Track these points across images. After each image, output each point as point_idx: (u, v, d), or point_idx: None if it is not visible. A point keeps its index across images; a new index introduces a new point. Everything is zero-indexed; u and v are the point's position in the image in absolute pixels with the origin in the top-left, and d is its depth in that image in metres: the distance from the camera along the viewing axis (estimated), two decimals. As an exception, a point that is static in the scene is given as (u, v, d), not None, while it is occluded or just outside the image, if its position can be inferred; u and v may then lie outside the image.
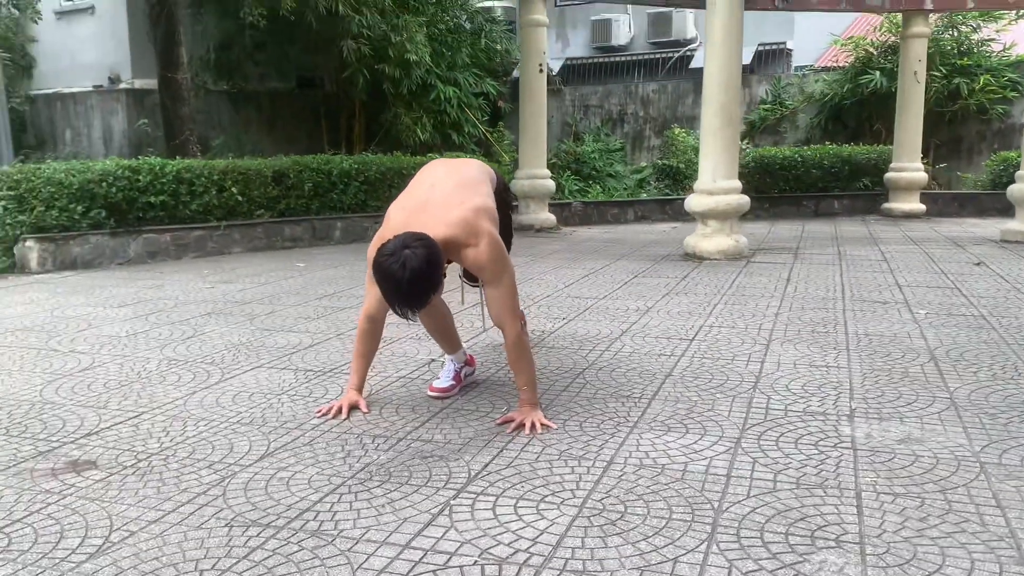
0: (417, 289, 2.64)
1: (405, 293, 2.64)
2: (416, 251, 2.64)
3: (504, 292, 2.94)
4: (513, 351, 2.98)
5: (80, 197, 7.05)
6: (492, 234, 2.91)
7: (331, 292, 5.82)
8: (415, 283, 2.62)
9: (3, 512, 2.33)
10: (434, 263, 2.67)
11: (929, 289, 5.60)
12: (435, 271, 2.68)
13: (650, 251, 8.02)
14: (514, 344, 2.97)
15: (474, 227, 2.87)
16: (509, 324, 2.95)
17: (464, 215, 2.91)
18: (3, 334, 4.57)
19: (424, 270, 2.62)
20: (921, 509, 2.27)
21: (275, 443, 2.84)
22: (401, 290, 2.64)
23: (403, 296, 2.66)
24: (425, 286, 2.65)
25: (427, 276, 2.64)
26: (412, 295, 2.65)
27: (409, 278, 2.60)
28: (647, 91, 15.41)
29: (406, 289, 2.63)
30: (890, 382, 3.45)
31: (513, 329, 2.96)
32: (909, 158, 11.13)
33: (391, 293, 2.68)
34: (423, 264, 2.62)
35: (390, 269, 2.63)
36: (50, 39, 14.15)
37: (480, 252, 2.87)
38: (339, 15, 10.62)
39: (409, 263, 2.61)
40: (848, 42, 13.92)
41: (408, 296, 2.66)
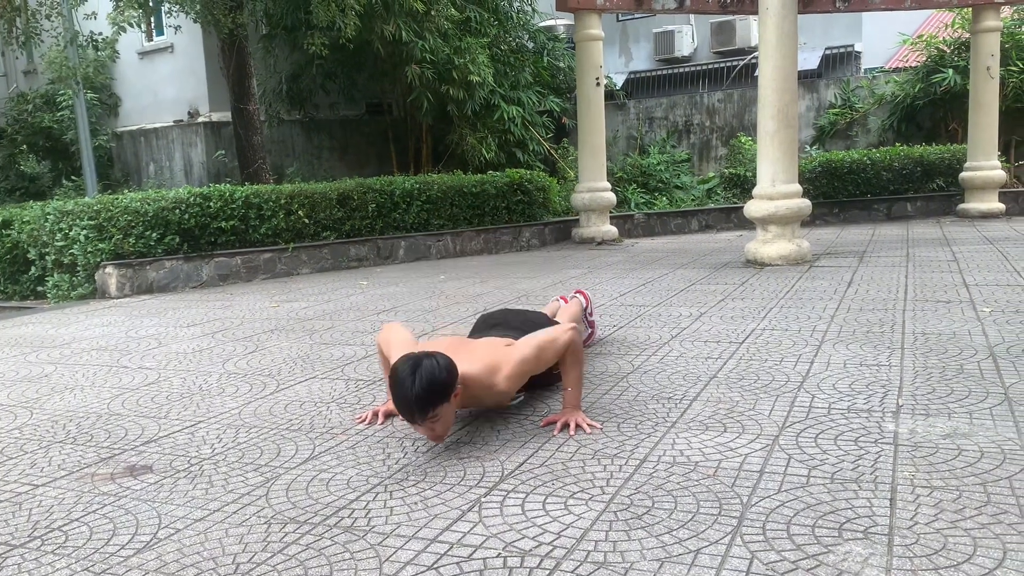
0: (429, 392, 2.64)
1: (416, 394, 2.63)
2: (436, 360, 2.71)
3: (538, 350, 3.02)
4: (568, 352, 3.04)
5: (155, 224, 7.40)
6: (510, 374, 2.98)
7: (389, 308, 5.96)
8: (427, 385, 2.64)
9: (63, 512, 2.48)
10: (450, 372, 2.72)
11: (998, 288, 5.41)
12: (449, 379, 2.71)
13: (711, 259, 7.95)
14: (569, 347, 3.03)
15: (495, 366, 2.97)
16: (564, 335, 3.03)
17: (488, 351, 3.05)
18: (80, 353, 4.83)
19: (438, 376, 2.67)
20: (957, 502, 2.22)
21: (320, 447, 2.94)
22: (410, 391, 2.63)
23: (411, 397, 2.64)
24: (436, 391, 2.66)
25: (440, 382, 2.67)
26: (421, 397, 2.64)
27: (423, 377, 2.64)
28: (712, 101, 15.28)
29: (417, 391, 2.63)
30: (943, 379, 3.36)
31: (567, 337, 3.02)
32: (985, 156, 10.75)
33: (399, 392, 2.67)
34: (438, 370, 2.68)
35: (403, 367, 2.68)
36: (133, 78, 14.89)
37: (499, 390, 2.98)
38: (403, 41, 10.91)
39: (425, 364, 2.67)
40: (918, 41, 13.55)
41: (419, 398, 2.63)
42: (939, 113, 13.12)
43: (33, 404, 3.74)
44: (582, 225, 10.45)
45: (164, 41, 13.91)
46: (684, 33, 16.14)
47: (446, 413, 2.74)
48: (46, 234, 7.59)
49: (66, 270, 7.53)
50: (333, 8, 8.98)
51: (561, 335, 3.05)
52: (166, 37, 13.62)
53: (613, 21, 16.76)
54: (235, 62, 10.71)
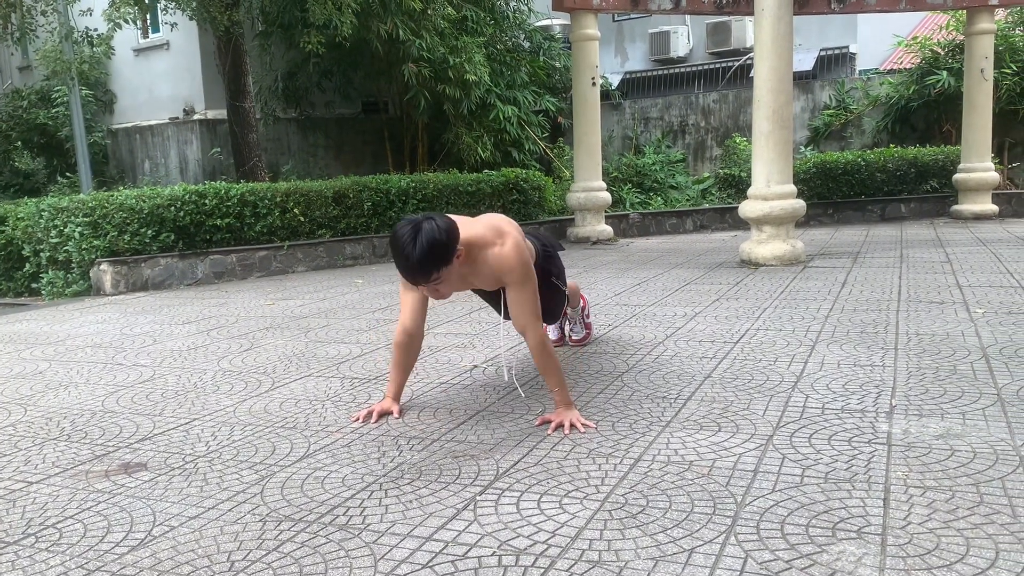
0: (429, 254, 2.66)
1: (417, 258, 2.66)
2: (435, 221, 2.72)
3: (527, 297, 2.99)
4: (538, 355, 3.03)
5: (150, 222, 7.39)
6: (517, 239, 2.98)
7: (385, 306, 5.96)
8: (428, 248, 2.65)
9: (57, 509, 2.48)
10: (451, 234, 2.73)
11: (991, 289, 5.43)
12: (450, 241, 2.73)
13: (705, 259, 7.96)
14: (538, 348, 3.02)
15: (500, 229, 2.98)
16: (531, 328, 3.01)
17: (492, 222, 3.02)
18: (74, 350, 4.83)
19: (438, 238, 2.68)
20: (950, 502, 2.23)
21: (315, 445, 2.94)
22: (411, 255, 2.66)
23: (414, 261, 2.67)
24: (437, 253, 2.68)
25: (441, 244, 2.69)
26: (423, 260, 2.67)
27: (424, 241, 2.65)
28: (707, 101, 15.30)
29: (418, 254, 2.65)
30: (936, 379, 3.38)
31: (535, 333, 3.01)
32: (978, 158, 10.78)
33: (401, 257, 2.70)
34: (438, 232, 2.69)
35: (404, 231, 2.69)
36: (129, 75, 14.85)
37: (505, 251, 2.94)
38: (399, 40, 10.90)
39: (425, 227, 2.68)
40: (913, 42, 13.59)
41: (420, 261, 2.67)
42: (933, 115, 13.16)
43: (27, 401, 3.73)
44: (577, 224, 10.46)
45: (160, 38, 13.88)
46: (680, 34, 16.16)
47: (449, 274, 2.77)
48: (41, 231, 7.57)
49: (61, 267, 7.52)
50: (330, 6, 8.97)
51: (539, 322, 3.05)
52: (162, 34, 13.60)
53: (609, 21, 16.77)
54: (231, 60, 10.69)
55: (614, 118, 15.96)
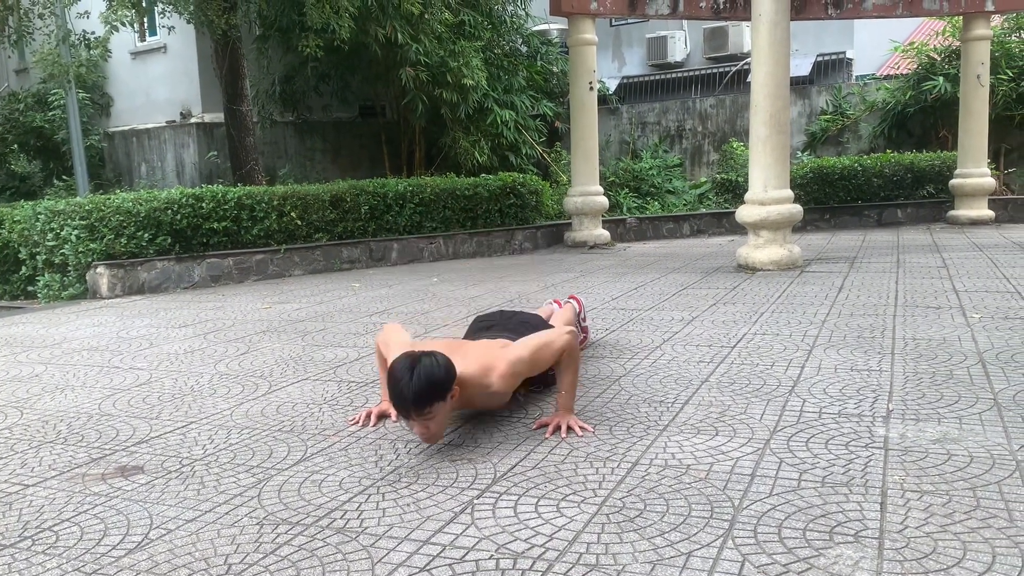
0: (426, 390, 2.65)
1: (413, 391, 2.64)
2: (435, 357, 2.73)
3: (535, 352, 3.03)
4: (564, 358, 3.04)
5: (147, 225, 7.39)
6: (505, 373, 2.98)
7: (382, 310, 5.95)
8: (425, 382, 2.65)
9: (54, 512, 2.47)
10: (448, 371, 2.74)
11: (988, 294, 5.45)
12: (447, 378, 2.73)
13: (702, 264, 7.98)
14: (566, 349, 3.03)
15: (489, 365, 2.98)
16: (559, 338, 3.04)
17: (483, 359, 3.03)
18: (70, 354, 4.82)
19: (436, 373, 2.69)
20: (947, 506, 2.24)
21: (312, 448, 2.94)
22: (408, 388, 2.65)
23: (409, 393, 2.65)
24: (434, 389, 2.67)
25: (438, 380, 2.69)
26: (418, 394, 2.65)
27: (421, 375, 2.65)
28: (704, 106, 15.33)
29: (415, 388, 2.64)
30: (932, 384, 3.38)
31: (563, 341, 3.03)
32: (974, 163, 10.82)
33: (396, 388, 2.68)
34: (437, 368, 2.70)
35: (402, 364, 2.70)
36: (126, 78, 14.85)
37: (495, 390, 2.99)
38: (398, 44, 10.91)
39: (424, 362, 2.69)
40: (909, 48, 13.63)
41: (416, 395, 2.65)
42: (930, 120, 13.21)
43: (23, 404, 3.72)
44: (574, 229, 10.47)
45: (157, 41, 13.89)
46: (677, 39, 16.20)
47: (441, 413, 2.75)
48: (37, 234, 7.56)
49: (57, 270, 7.50)
50: (327, 10, 8.98)
51: (558, 338, 3.06)
52: (159, 37, 13.60)
53: (606, 26, 16.81)
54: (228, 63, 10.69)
55: (611, 123, 15.99)
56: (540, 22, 14.74)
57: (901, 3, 10.28)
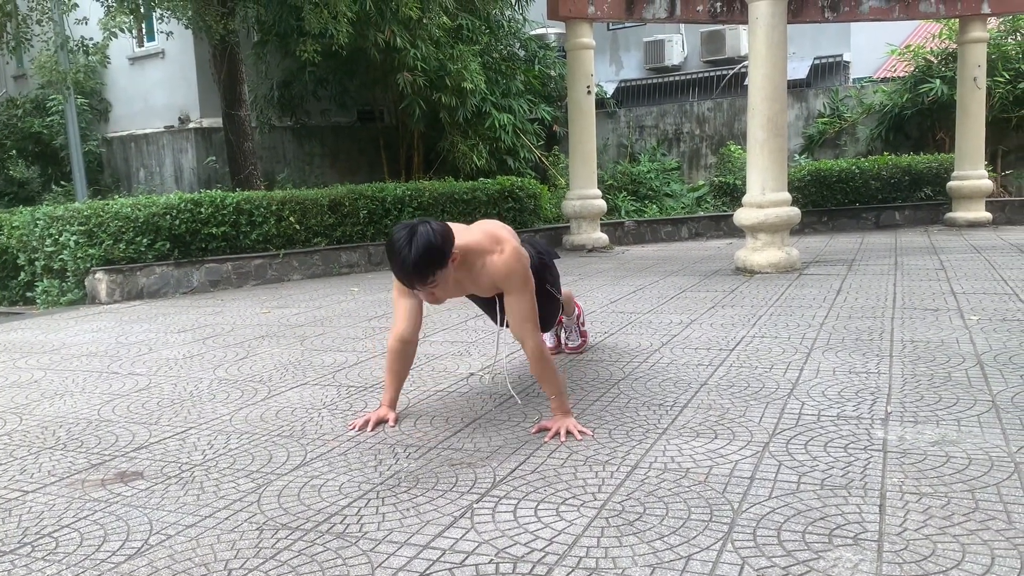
0: (424, 257, 2.68)
1: (412, 261, 2.67)
2: (430, 225, 2.74)
3: (526, 304, 3.00)
4: (536, 363, 3.03)
5: (146, 230, 7.39)
6: (515, 246, 3.00)
7: (380, 314, 5.96)
8: (423, 250, 2.67)
9: (54, 518, 2.47)
10: (446, 238, 2.75)
11: (985, 296, 5.46)
12: (445, 244, 2.74)
13: (701, 267, 7.98)
14: (536, 356, 3.02)
15: (497, 236, 3.01)
16: (530, 336, 3.01)
17: (489, 229, 3.04)
18: (69, 359, 4.82)
19: (433, 240, 2.70)
20: (946, 508, 2.24)
21: (311, 453, 2.94)
22: (407, 257, 2.67)
23: (409, 263, 2.68)
24: (433, 256, 2.70)
25: (436, 247, 2.70)
26: (418, 263, 2.68)
27: (419, 243, 2.66)
28: (702, 109, 15.35)
29: (413, 257, 2.66)
30: (931, 386, 3.39)
31: (533, 341, 3.01)
32: (972, 165, 10.84)
33: (396, 259, 2.71)
34: (433, 235, 2.70)
35: (399, 234, 2.71)
36: (124, 83, 14.85)
37: (504, 258, 2.96)
38: (396, 49, 10.93)
39: (420, 230, 2.70)
40: (906, 51, 13.65)
41: (415, 264, 2.68)
42: (927, 123, 13.22)
43: (23, 410, 3.72)
44: (573, 232, 10.48)
45: (155, 47, 13.88)
46: (674, 42, 16.21)
47: (444, 278, 2.79)
48: (35, 239, 7.55)
49: (56, 276, 7.50)
50: (325, 15, 8.99)
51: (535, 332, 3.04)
52: (157, 43, 13.59)
53: (603, 30, 16.82)
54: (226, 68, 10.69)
55: (609, 126, 16.00)
56: (538, 26, 14.75)
57: (897, 6, 10.30)
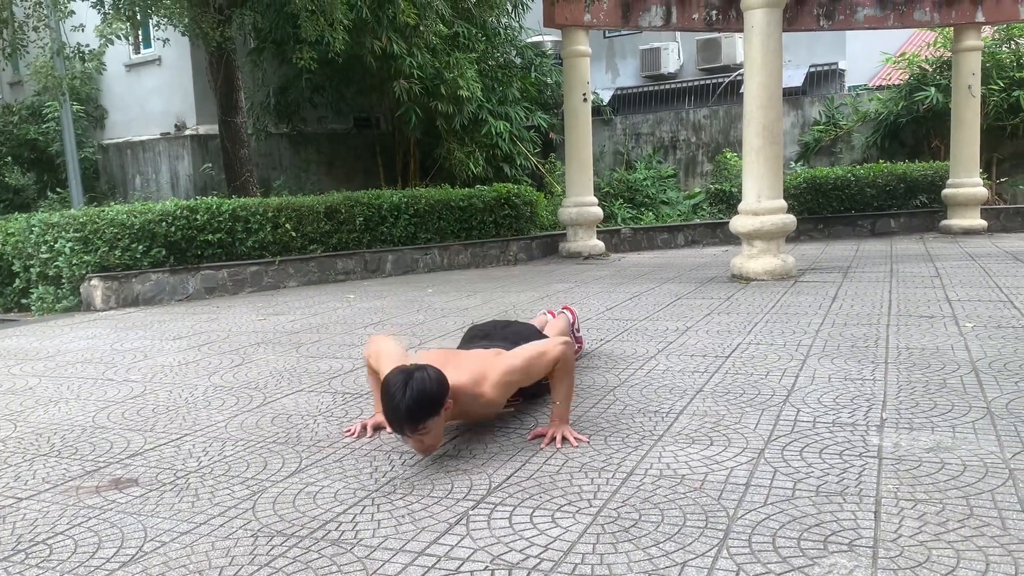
0: (419, 404, 2.65)
1: (407, 406, 2.65)
2: (427, 371, 2.73)
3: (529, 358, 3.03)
4: (559, 369, 3.03)
5: (141, 237, 7.38)
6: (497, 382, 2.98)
7: (377, 321, 5.96)
8: (418, 397, 2.65)
9: (47, 525, 2.46)
10: (441, 385, 2.74)
11: (980, 303, 5.47)
12: (440, 392, 2.73)
13: (697, 274, 7.99)
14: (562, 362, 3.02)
15: (482, 375, 2.99)
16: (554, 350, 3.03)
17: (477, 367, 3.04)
18: (64, 366, 4.81)
19: (429, 388, 2.68)
20: (941, 514, 2.24)
21: (307, 460, 2.93)
22: (401, 403, 2.65)
23: (403, 409, 2.65)
24: (426, 404, 2.67)
25: (431, 394, 2.69)
26: (412, 409, 2.65)
27: (414, 389, 2.65)
28: (698, 117, 15.39)
29: (407, 403, 2.64)
30: (926, 393, 3.40)
31: (557, 352, 3.02)
32: (966, 173, 10.88)
33: (390, 404, 2.68)
34: (429, 382, 2.70)
35: (395, 379, 2.70)
36: (120, 90, 14.86)
37: (488, 400, 2.99)
38: (392, 56, 10.95)
39: (416, 377, 2.69)
40: (901, 59, 13.72)
41: (409, 410, 2.65)
42: (922, 130, 13.28)
43: (17, 417, 3.71)
44: (569, 239, 10.49)
45: (152, 54, 13.90)
46: (670, 50, 16.27)
47: (436, 426, 2.75)
48: (31, 246, 7.55)
49: (51, 282, 7.49)
50: (322, 22, 9.00)
51: (552, 348, 3.06)
52: (154, 50, 13.61)
53: (600, 38, 16.88)
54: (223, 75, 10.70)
55: (605, 134, 16.04)
56: (534, 34, 14.80)
57: (892, 14, 10.35)
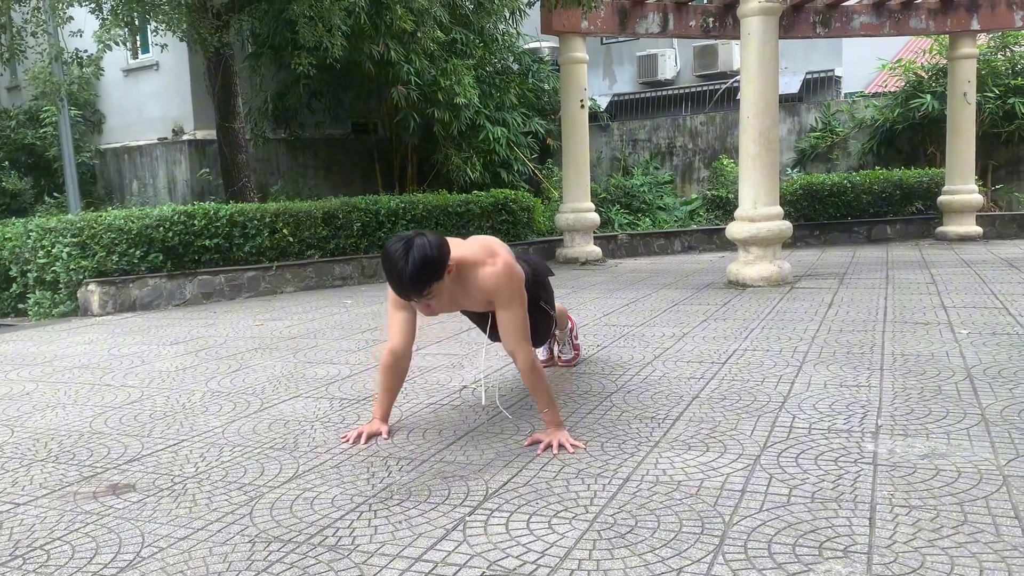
0: (421, 269, 2.70)
1: (409, 273, 2.69)
2: (427, 237, 2.77)
3: (516, 319, 3.02)
4: (528, 376, 3.04)
5: (139, 242, 7.39)
6: (508, 260, 3.02)
7: (374, 327, 5.96)
8: (420, 262, 2.69)
9: (45, 531, 2.47)
10: (442, 249, 2.78)
11: (975, 310, 5.49)
12: (441, 256, 2.77)
13: (693, 280, 8.01)
14: (528, 368, 3.03)
15: (491, 248, 3.05)
16: (522, 350, 3.02)
17: (483, 243, 3.06)
18: (61, 371, 4.81)
19: (429, 252, 2.72)
20: (935, 521, 2.26)
21: (304, 466, 2.94)
22: (404, 269, 2.69)
23: (406, 275, 2.70)
24: (429, 268, 2.72)
25: (432, 259, 2.73)
26: (415, 275, 2.70)
27: (416, 255, 2.69)
28: (695, 123, 15.43)
29: (410, 269, 2.68)
30: (921, 400, 3.41)
31: (525, 354, 3.03)
32: (962, 180, 10.92)
33: (393, 271, 2.73)
34: (430, 247, 2.73)
35: (396, 246, 2.73)
36: (118, 95, 14.86)
37: (495, 270, 2.99)
38: (390, 62, 10.97)
39: (417, 242, 2.72)
40: (897, 66, 13.77)
41: (412, 276, 2.70)
42: (918, 137, 13.32)
43: (14, 422, 3.71)
44: (566, 245, 10.51)
45: (149, 59, 13.90)
46: (667, 57, 16.31)
47: (440, 290, 2.82)
48: (28, 251, 7.55)
49: (48, 287, 7.48)
50: (320, 28, 9.02)
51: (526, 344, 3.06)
52: (151, 55, 13.61)
53: (597, 44, 16.91)
54: (220, 80, 10.70)
55: (603, 139, 16.07)
56: (531, 40, 14.82)
57: (888, 22, 10.40)
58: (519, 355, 3.03)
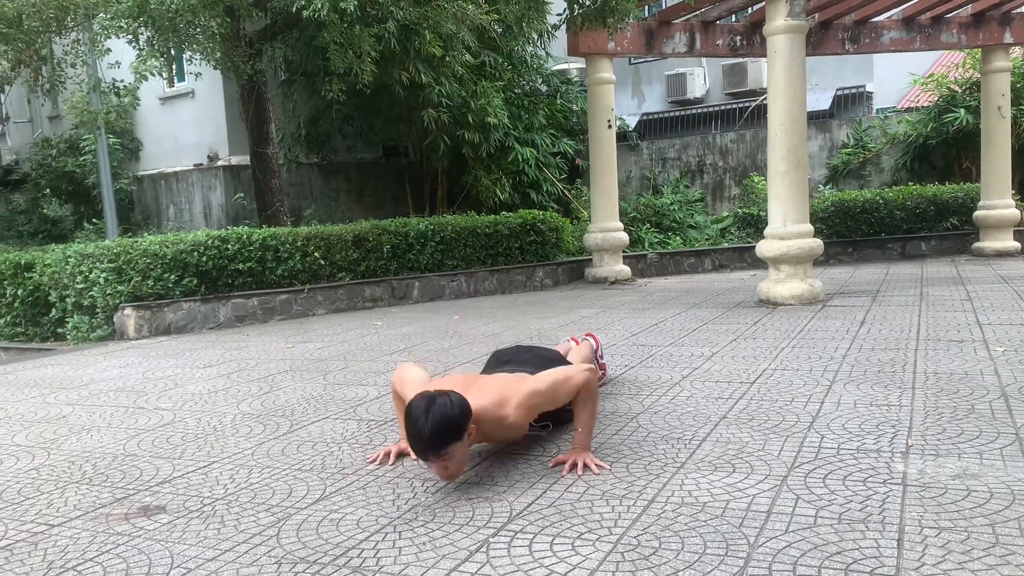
0: (442, 428, 2.68)
1: (429, 430, 2.67)
2: (449, 397, 2.76)
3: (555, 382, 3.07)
4: (581, 395, 3.07)
5: (173, 267, 7.52)
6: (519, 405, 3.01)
7: (403, 348, 6.00)
8: (440, 422, 2.68)
9: (78, 552, 2.52)
10: (463, 410, 2.77)
11: (1012, 327, 5.39)
12: (462, 417, 2.76)
13: (723, 299, 7.96)
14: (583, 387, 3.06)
15: (504, 398, 3.01)
16: (576, 377, 3.07)
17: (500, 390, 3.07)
18: (97, 395, 4.90)
19: (450, 413, 2.72)
20: (965, 543, 2.22)
21: (331, 487, 2.97)
22: (424, 428, 2.68)
23: (426, 434, 2.68)
24: (449, 429, 2.70)
25: (453, 420, 2.72)
26: (434, 435, 2.68)
27: (436, 415, 2.68)
28: (725, 141, 15.38)
29: (430, 426, 2.67)
30: (953, 419, 3.36)
31: (580, 378, 3.06)
32: (998, 195, 10.76)
33: (413, 430, 2.71)
34: (451, 407, 2.73)
35: (417, 404, 2.73)
36: (155, 123, 15.18)
37: (513, 421, 3.01)
38: (420, 86, 11.10)
39: (438, 402, 2.72)
40: (929, 80, 13.64)
41: (432, 434, 2.68)
42: (952, 152, 13.15)
43: (51, 445, 3.79)
44: (595, 265, 10.50)
45: (185, 87, 14.19)
46: (696, 75, 16.31)
47: (459, 452, 2.78)
48: (67, 276, 7.71)
49: (86, 312, 7.64)
50: (350, 55, 9.15)
51: (576, 374, 3.09)
52: (187, 83, 13.90)
53: (626, 64, 16.97)
54: (254, 107, 10.90)
55: (632, 159, 16.08)
56: (559, 62, 14.91)
57: (919, 37, 10.32)
58: (575, 380, 3.06)
